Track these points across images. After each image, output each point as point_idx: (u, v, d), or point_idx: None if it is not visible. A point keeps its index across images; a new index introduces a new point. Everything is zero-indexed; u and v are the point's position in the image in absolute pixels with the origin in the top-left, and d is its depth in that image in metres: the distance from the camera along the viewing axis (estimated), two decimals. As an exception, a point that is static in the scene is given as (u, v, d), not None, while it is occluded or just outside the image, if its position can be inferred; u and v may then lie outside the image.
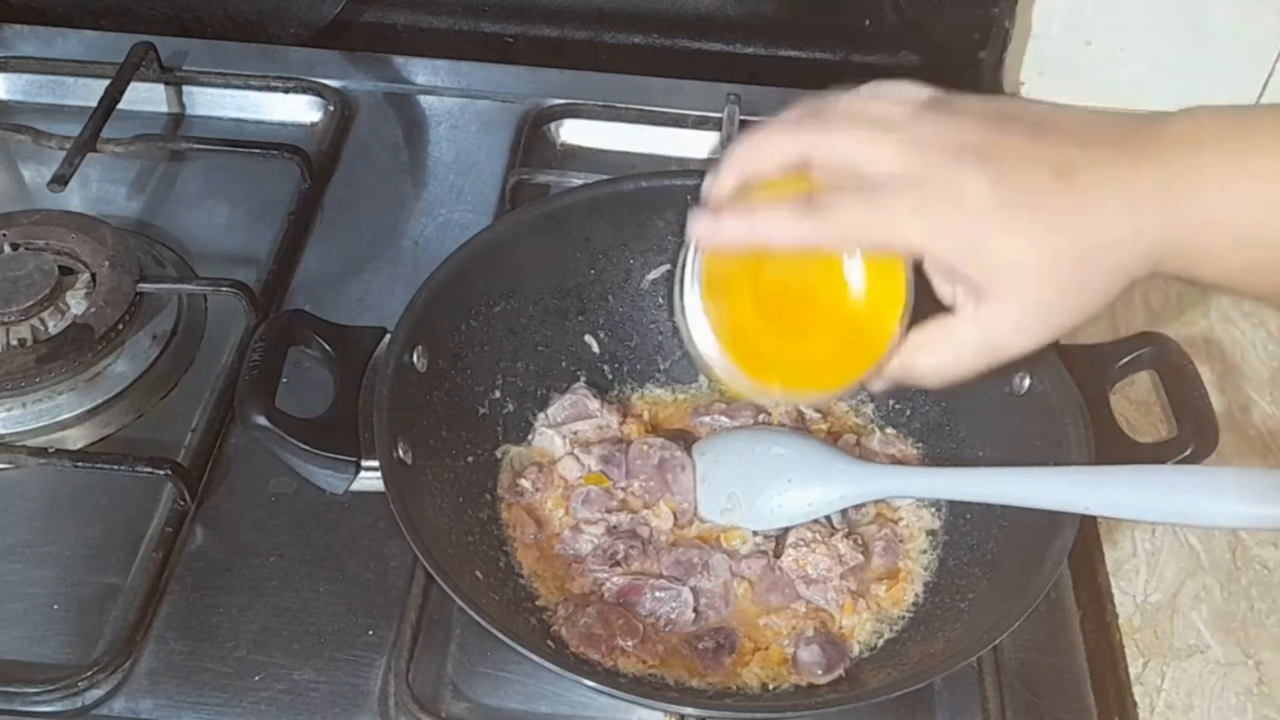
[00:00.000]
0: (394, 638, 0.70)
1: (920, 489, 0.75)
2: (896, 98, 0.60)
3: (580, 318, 0.82)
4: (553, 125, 1.03)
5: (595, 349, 0.82)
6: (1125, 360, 0.76)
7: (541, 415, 0.80)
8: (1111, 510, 0.67)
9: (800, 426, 0.80)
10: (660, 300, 0.84)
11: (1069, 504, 0.66)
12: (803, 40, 1.08)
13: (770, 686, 0.68)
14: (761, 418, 0.80)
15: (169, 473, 0.75)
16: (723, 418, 0.80)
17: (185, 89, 1.03)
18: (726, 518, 0.75)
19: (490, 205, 0.95)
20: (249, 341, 0.73)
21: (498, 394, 0.78)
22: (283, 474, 0.75)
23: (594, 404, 0.79)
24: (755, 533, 0.74)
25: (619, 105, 1.03)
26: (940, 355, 0.61)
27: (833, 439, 0.79)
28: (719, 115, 0.99)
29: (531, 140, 1.01)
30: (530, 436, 0.79)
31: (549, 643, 0.68)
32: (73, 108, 1.00)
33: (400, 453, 0.69)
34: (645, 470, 0.76)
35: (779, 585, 0.72)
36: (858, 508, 0.76)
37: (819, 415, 0.80)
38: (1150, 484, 0.66)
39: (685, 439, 0.79)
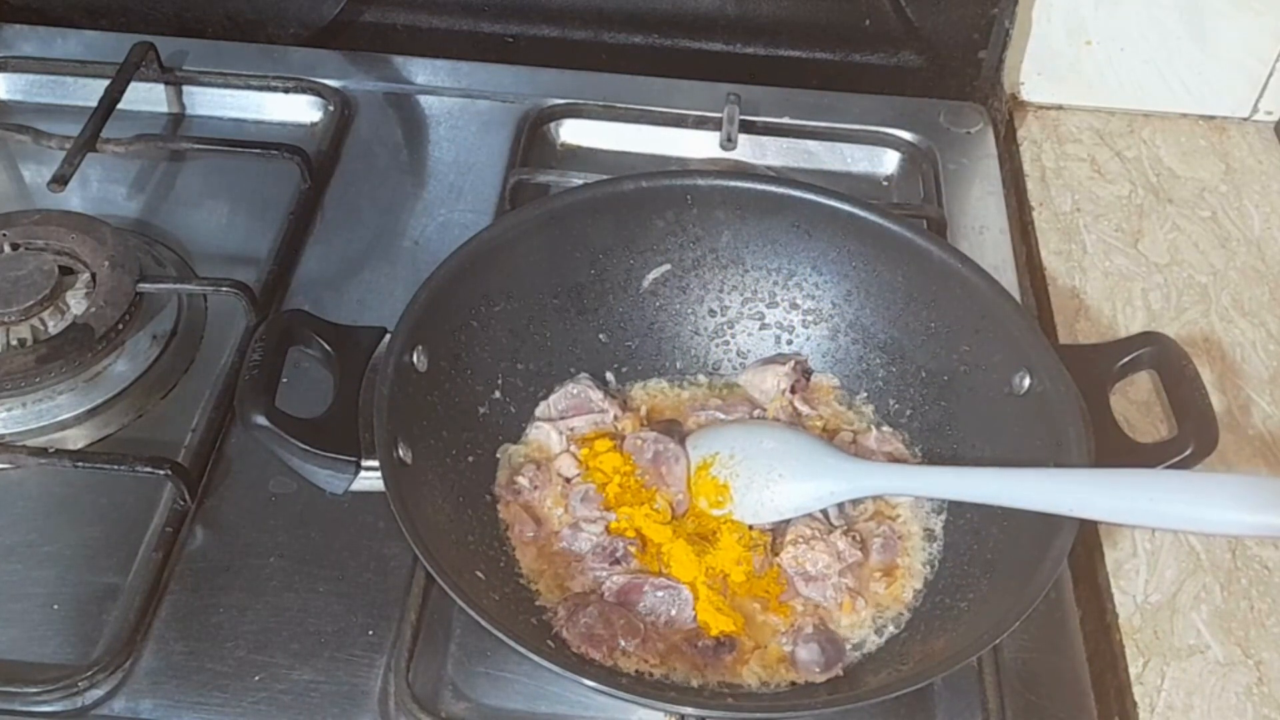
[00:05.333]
0: (394, 638, 0.70)
1: (911, 487, 0.75)
2: None
3: (580, 318, 0.82)
4: (553, 125, 1.03)
5: (599, 356, 0.82)
6: (1125, 360, 0.76)
7: (541, 405, 0.80)
8: (1101, 514, 0.67)
9: (795, 422, 0.80)
10: (660, 301, 0.84)
11: (1059, 506, 0.66)
12: (803, 40, 1.08)
13: (769, 685, 0.68)
14: (756, 413, 0.80)
15: (169, 473, 0.75)
16: (718, 413, 0.80)
17: (185, 89, 1.03)
18: (719, 510, 0.75)
19: (490, 205, 0.95)
20: (249, 341, 0.73)
21: (498, 394, 0.79)
22: (283, 474, 0.75)
23: (596, 395, 0.79)
24: (751, 526, 0.75)
25: (619, 105, 1.03)
26: None
27: (829, 436, 0.79)
28: (719, 115, 0.99)
29: (531, 140, 1.01)
30: (526, 429, 0.79)
31: (549, 643, 0.68)
32: (73, 108, 1.00)
33: (400, 453, 0.69)
34: (640, 464, 0.76)
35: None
36: (855, 504, 0.76)
37: (814, 412, 0.81)
38: (1142, 490, 0.66)
39: (677, 431, 0.79)
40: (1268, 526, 0.63)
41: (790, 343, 0.84)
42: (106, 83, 0.97)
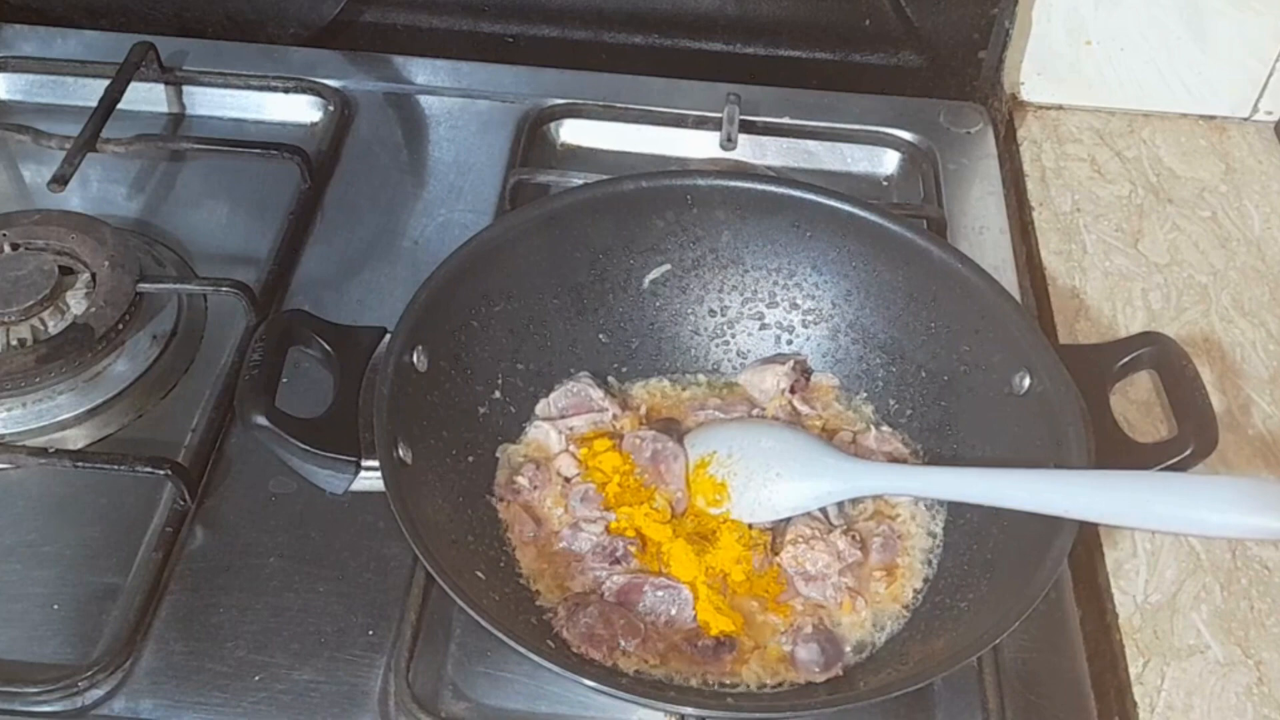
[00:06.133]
0: (394, 638, 0.70)
1: (908, 487, 0.75)
2: None
3: (580, 318, 0.82)
4: (553, 125, 1.03)
5: (600, 355, 0.82)
6: (1125, 360, 0.76)
7: (541, 403, 0.80)
8: (1098, 517, 0.67)
9: (794, 421, 0.80)
10: (660, 301, 0.84)
11: (1055, 508, 0.66)
12: (803, 40, 1.08)
13: (769, 684, 0.68)
14: (756, 412, 0.80)
15: (169, 473, 0.75)
16: (717, 412, 0.81)
17: (185, 89, 1.03)
18: (717, 509, 0.75)
19: (490, 205, 0.95)
20: (249, 341, 0.73)
21: (498, 394, 0.79)
22: (283, 474, 0.75)
23: (596, 393, 0.79)
24: (751, 525, 0.75)
25: (619, 105, 1.03)
26: None
27: (828, 435, 0.79)
28: (719, 115, 0.99)
29: (531, 140, 1.01)
30: (525, 427, 0.79)
31: (549, 643, 0.68)
32: (73, 108, 1.00)
33: (400, 453, 0.69)
34: (639, 463, 0.76)
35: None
36: (855, 504, 0.76)
37: (814, 411, 0.81)
38: (1139, 492, 0.66)
39: (675, 429, 0.79)
40: (1265, 529, 0.64)
41: (790, 342, 0.84)
42: (106, 83, 0.97)
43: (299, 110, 1.03)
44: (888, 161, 1.02)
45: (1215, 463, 0.72)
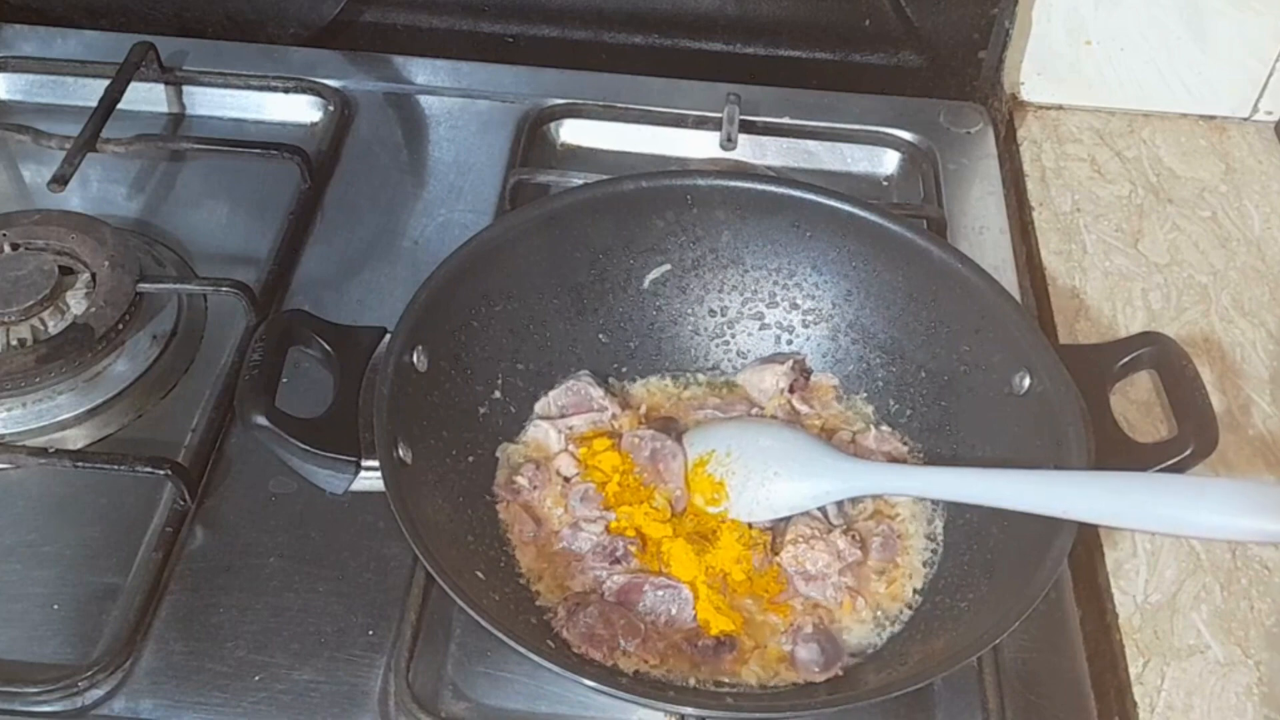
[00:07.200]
0: (394, 638, 0.70)
1: (906, 487, 0.75)
2: None
3: (580, 318, 0.82)
4: (553, 125, 1.03)
5: (600, 356, 0.82)
6: (1125, 360, 0.76)
7: (541, 402, 0.80)
8: (1095, 517, 0.66)
9: (794, 420, 0.80)
10: (660, 301, 0.84)
11: (1052, 509, 0.66)
12: (803, 40, 1.08)
13: (769, 684, 0.68)
14: (755, 411, 0.80)
15: (169, 473, 0.75)
16: (716, 412, 0.81)
17: (185, 89, 1.03)
18: (715, 508, 0.75)
19: (490, 205, 0.95)
20: (249, 341, 0.73)
21: (498, 394, 0.79)
22: (283, 474, 0.75)
23: (596, 392, 0.79)
24: (750, 524, 0.75)
25: (619, 105, 1.03)
26: None
27: (827, 435, 0.79)
28: (719, 115, 0.99)
29: (531, 140, 1.01)
30: (525, 427, 0.79)
31: (549, 643, 0.68)
32: (73, 108, 1.00)
33: (400, 453, 0.69)
34: (639, 462, 0.76)
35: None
36: (855, 503, 0.76)
37: (813, 411, 0.81)
38: (1136, 493, 0.66)
39: (674, 428, 0.79)
40: (1261, 531, 0.64)
41: (790, 342, 0.84)
42: (106, 83, 0.97)
43: (299, 110, 1.03)
44: (888, 161, 1.02)
45: (1215, 463, 0.72)
